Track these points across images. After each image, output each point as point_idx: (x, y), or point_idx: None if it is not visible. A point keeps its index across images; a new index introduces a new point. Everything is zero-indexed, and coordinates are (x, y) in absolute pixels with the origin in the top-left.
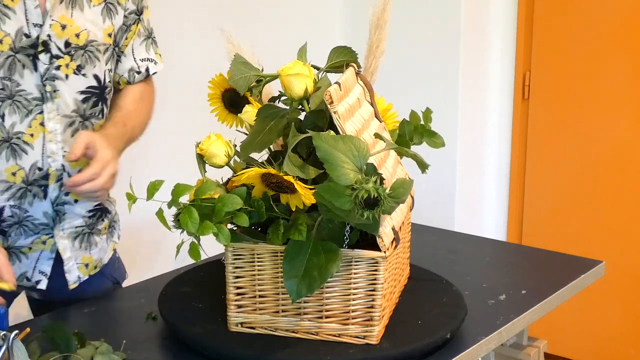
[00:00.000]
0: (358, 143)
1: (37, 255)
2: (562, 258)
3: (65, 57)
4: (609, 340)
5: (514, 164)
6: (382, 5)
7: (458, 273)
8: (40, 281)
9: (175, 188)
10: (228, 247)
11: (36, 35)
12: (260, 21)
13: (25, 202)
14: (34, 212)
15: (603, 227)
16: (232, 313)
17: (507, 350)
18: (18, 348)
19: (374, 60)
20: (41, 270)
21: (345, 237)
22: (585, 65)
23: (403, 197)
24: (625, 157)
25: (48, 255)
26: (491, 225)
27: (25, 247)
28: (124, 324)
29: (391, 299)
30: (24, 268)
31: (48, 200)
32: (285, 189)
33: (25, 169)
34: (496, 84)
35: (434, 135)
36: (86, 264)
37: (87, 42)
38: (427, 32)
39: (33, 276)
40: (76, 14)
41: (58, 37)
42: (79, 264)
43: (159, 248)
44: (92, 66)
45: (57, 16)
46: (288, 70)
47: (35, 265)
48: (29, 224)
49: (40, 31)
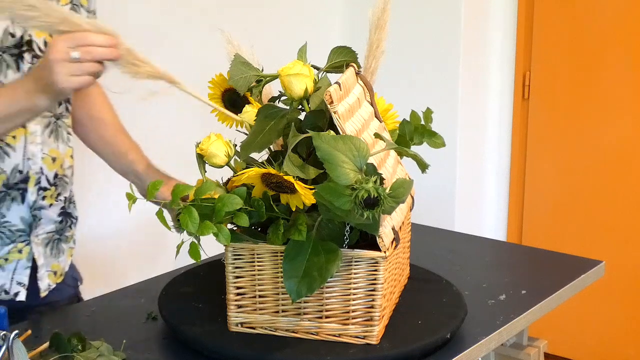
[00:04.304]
0: (358, 143)
1: (14, 266)
2: (562, 258)
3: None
4: (609, 340)
5: (514, 164)
6: (382, 5)
7: (458, 273)
8: (18, 292)
9: (175, 188)
10: (228, 247)
11: (20, 35)
12: (260, 21)
13: (4, 207)
14: (11, 217)
15: (603, 227)
16: (232, 313)
17: (507, 350)
18: (18, 348)
19: (374, 60)
20: (19, 281)
21: (345, 237)
22: (585, 65)
23: (403, 197)
24: (625, 157)
25: (25, 265)
26: (491, 225)
27: (2, 258)
28: (124, 324)
29: (391, 299)
30: (1, 281)
31: (26, 204)
32: (285, 189)
33: (7, 172)
34: (496, 84)
35: (434, 135)
36: (55, 271)
37: None
38: (427, 32)
39: (11, 288)
40: None
41: (37, 36)
42: (48, 272)
43: (159, 248)
44: None
45: None
46: (288, 70)
47: (13, 277)
48: (6, 231)
49: (23, 30)
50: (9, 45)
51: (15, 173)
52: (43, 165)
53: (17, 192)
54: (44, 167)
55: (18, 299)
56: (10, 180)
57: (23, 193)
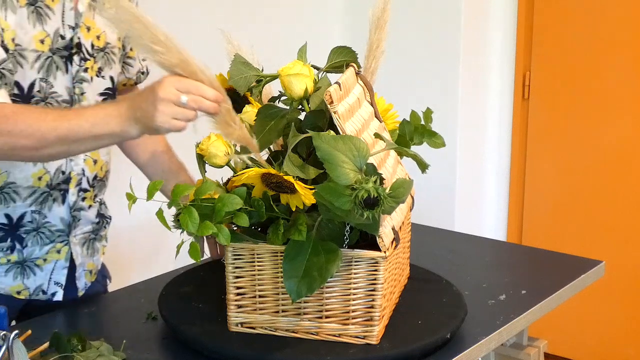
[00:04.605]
0: (358, 143)
1: (52, 266)
2: (562, 258)
3: (90, 59)
4: (609, 340)
5: (514, 164)
6: (382, 5)
7: (458, 273)
8: (55, 292)
9: (175, 188)
10: (228, 247)
11: (69, 37)
12: (260, 21)
13: (46, 207)
14: (52, 218)
15: (603, 227)
16: (232, 313)
17: (507, 350)
18: (18, 348)
19: (374, 60)
20: (56, 281)
21: (345, 237)
22: (585, 65)
23: (403, 197)
24: (625, 157)
25: (63, 265)
26: (491, 225)
27: (40, 258)
28: (124, 324)
29: (391, 299)
30: (39, 281)
31: (66, 205)
32: (285, 189)
33: (51, 172)
34: (496, 84)
35: (434, 135)
36: (90, 270)
37: (105, 45)
38: (427, 32)
39: (49, 288)
40: (96, 16)
41: (85, 38)
42: (85, 271)
43: (159, 248)
44: (109, 68)
45: (84, 18)
46: (288, 70)
47: (51, 277)
48: (46, 231)
49: (73, 33)
50: (59, 47)
51: (59, 173)
52: (85, 167)
53: (58, 193)
54: (86, 168)
55: (55, 299)
56: (53, 180)
57: (64, 194)
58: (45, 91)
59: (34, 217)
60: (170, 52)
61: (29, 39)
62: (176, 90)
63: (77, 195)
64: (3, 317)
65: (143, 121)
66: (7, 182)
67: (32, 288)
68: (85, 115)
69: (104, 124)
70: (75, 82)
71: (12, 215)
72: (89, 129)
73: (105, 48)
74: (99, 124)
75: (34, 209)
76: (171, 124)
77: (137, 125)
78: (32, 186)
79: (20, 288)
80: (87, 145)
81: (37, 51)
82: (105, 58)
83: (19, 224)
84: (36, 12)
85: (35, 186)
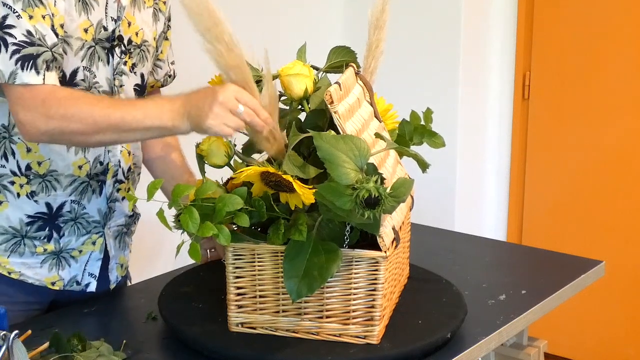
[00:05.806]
0: (359, 143)
1: (87, 258)
2: (562, 258)
3: (128, 54)
4: (609, 340)
5: (514, 164)
6: (382, 6)
7: (458, 273)
8: (89, 284)
9: (175, 188)
10: (228, 247)
11: (112, 29)
12: (260, 21)
13: (85, 198)
14: (90, 209)
15: (603, 227)
16: (233, 313)
17: (507, 350)
18: (18, 348)
19: (374, 60)
20: (90, 273)
21: (345, 236)
22: (585, 65)
23: (404, 196)
24: (625, 157)
25: (97, 256)
26: (491, 225)
27: (76, 249)
28: (124, 324)
29: (391, 299)
30: (74, 272)
31: (103, 195)
32: (284, 188)
33: (90, 162)
34: (496, 84)
35: (434, 135)
36: (121, 264)
37: (142, 42)
38: (427, 32)
39: (83, 279)
40: (136, 13)
41: (124, 33)
42: (117, 264)
43: (159, 248)
44: (142, 65)
45: (125, 12)
46: (288, 70)
47: (85, 268)
48: (83, 221)
49: (115, 25)
50: (102, 38)
51: (97, 164)
52: (121, 158)
53: (96, 184)
54: (122, 160)
55: (89, 290)
56: (92, 170)
57: (101, 185)
58: (90, 80)
59: (73, 207)
60: (230, 54)
61: (74, 27)
62: (235, 99)
63: (112, 186)
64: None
65: (195, 119)
66: (50, 169)
67: (66, 279)
68: (138, 106)
69: (156, 117)
70: (116, 74)
71: (52, 205)
72: (142, 119)
73: (141, 45)
74: (151, 116)
75: (73, 198)
76: (221, 128)
77: (188, 121)
78: (73, 175)
79: (55, 279)
80: (137, 136)
81: (82, 39)
82: (140, 55)
83: (59, 213)
84: (82, 1)
85: (75, 175)
